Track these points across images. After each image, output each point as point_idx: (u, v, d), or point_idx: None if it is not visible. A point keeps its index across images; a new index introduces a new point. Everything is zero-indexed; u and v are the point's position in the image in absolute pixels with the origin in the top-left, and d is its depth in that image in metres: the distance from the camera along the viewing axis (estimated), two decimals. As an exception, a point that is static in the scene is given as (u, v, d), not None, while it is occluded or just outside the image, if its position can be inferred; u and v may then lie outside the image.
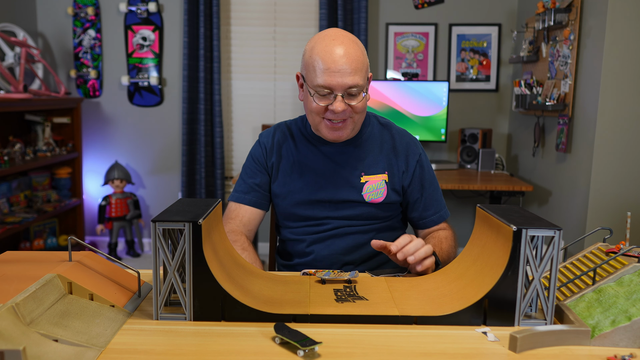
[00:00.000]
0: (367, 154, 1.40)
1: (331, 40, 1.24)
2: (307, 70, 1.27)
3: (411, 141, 1.44)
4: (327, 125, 1.30)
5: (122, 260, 3.69)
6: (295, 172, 1.41)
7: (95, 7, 3.64)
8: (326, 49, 1.23)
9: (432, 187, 1.44)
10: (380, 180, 1.38)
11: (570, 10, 2.72)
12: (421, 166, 1.42)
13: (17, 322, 0.73)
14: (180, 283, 0.92)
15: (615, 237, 2.38)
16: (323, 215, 1.40)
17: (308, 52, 1.27)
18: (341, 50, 1.22)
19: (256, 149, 1.46)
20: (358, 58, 1.24)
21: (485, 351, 0.83)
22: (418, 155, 1.42)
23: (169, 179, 3.85)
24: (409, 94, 3.38)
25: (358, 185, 1.37)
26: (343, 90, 1.23)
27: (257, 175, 1.44)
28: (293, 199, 1.40)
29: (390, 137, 1.43)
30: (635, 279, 0.93)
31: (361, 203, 1.38)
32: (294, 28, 3.68)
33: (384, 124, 1.45)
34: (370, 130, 1.42)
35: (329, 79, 1.22)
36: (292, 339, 0.81)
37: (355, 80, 1.23)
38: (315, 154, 1.40)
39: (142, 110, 3.78)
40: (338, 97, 1.23)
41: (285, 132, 1.45)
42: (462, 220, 3.82)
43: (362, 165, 1.38)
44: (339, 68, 1.21)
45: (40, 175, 3.46)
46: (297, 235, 1.44)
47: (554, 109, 2.78)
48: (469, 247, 1.07)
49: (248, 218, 1.42)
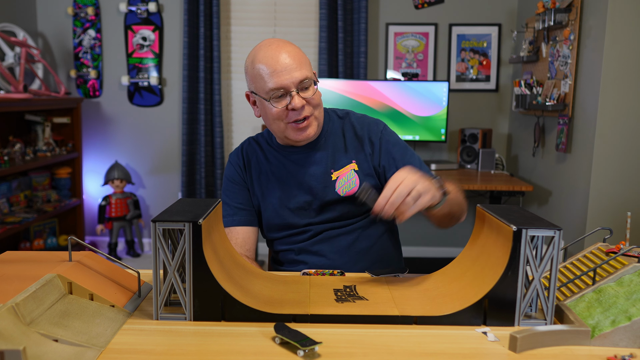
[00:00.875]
0: (333, 150, 1.40)
1: (268, 47, 1.28)
2: (255, 82, 1.29)
3: (371, 122, 1.43)
4: (293, 128, 1.31)
5: (122, 260, 3.69)
6: (270, 182, 1.42)
7: (95, 7, 3.64)
8: (267, 54, 1.26)
9: (406, 156, 1.40)
10: (350, 170, 1.38)
11: (570, 10, 2.72)
12: (386, 141, 1.40)
13: (17, 322, 0.73)
14: (180, 283, 0.92)
15: (615, 237, 2.38)
16: (304, 223, 1.40)
17: (250, 66, 1.30)
18: (281, 51, 1.26)
19: (229, 169, 1.47)
20: (298, 53, 1.28)
21: (485, 351, 0.83)
22: (380, 133, 1.41)
23: (169, 179, 3.85)
24: (409, 94, 3.38)
25: (330, 184, 1.38)
26: (295, 85, 1.26)
27: (238, 194, 1.44)
28: (273, 209, 1.41)
29: (350, 126, 1.43)
30: (635, 279, 0.93)
31: (338, 202, 1.38)
32: (294, 28, 3.68)
33: (342, 116, 1.46)
34: (331, 127, 1.43)
35: (279, 79, 1.25)
36: (292, 339, 0.81)
37: (303, 73, 1.27)
38: (285, 163, 1.41)
39: (142, 110, 3.78)
40: (293, 93, 1.26)
41: (253, 145, 1.47)
42: (462, 220, 3.82)
43: (330, 163, 1.39)
44: (285, 66, 1.25)
45: (40, 175, 3.46)
46: (284, 245, 1.44)
47: (554, 109, 2.78)
48: (469, 247, 1.07)
49: (242, 238, 1.42)
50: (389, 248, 1.49)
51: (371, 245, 1.43)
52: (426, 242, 3.84)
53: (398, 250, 1.54)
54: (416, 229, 3.81)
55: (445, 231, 3.83)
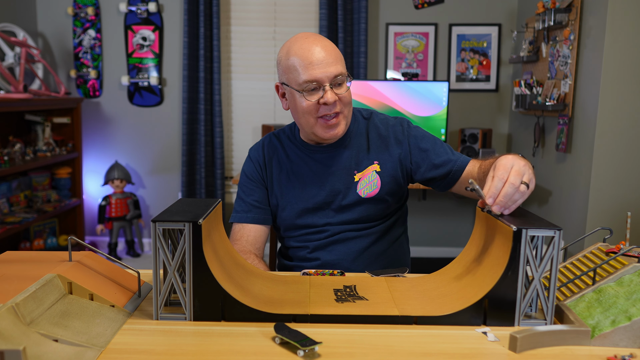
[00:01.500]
0: (357, 151, 1.39)
1: (305, 40, 1.27)
2: (288, 74, 1.28)
3: (395, 122, 1.42)
4: (322, 125, 1.29)
5: (122, 260, 3.69)
6: (290, 181, 1.40)
7: (95, 7, 3.64)
8: (303, 47, 1.25)
9: (436, 146, 1.38)
10: (371, 171, 1.37)
11: (570, 10, 2.72)
12: (414, 137, 1.39)
13: (17, 322, 0.73)
14: (180, 283, 0.92)
15: (615, 237, 2.38)
16: (322, 222, 1.38)
17: (284, 57, 1.28)
18: (317, 45, 1.25)
19: (248, 165, 1.45)
20: (334, 49, 1.28)
21: (485, 351, 0.83)
22: (405, 131, 1.40)
23: (169, 179, 3.85)
24: (409, 94, 3.38)
25: (352, 185, 1.37)
26: (329, 80, 1.25)
27: (255, 191, 1.43)
28: (292, 208, 1.39)
29: (374, 127, 1.42)
30: (635, 279, 0.93)
31: (358, 203, 1.37)
32: (294, 28, 3.68)
33: (366, 117, 1.45)
34: (357, 127, 1.42)
35: (314, 72, 1.24)
36: (292, 339, 0.81)
37: (338, 69, 1.26)
38: (307, 162, 1.39)
39: (142, 110, 3.78)
40: (327, 87, 1.25)
41: (274, 142, 1.45)
42: (462, 220, 3.82)
43: (354, 164, 1.38)
44: (321, 60, 1.24)
45: (40, 175, 3.46)
46: (299, 243, 1.42)
47: (554, 109, 2.78)
48: (469, 247, 1.07)
49: (254, 236, 1.40)
50: (403, 253, 1.49)
51: (386, 249, 1.42)
52: (426, 242, 3.84)
53: (409, 253, 1.54)
54: (416, 229, 3.82)
55: (445, 231, 3.83)
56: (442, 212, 3.82)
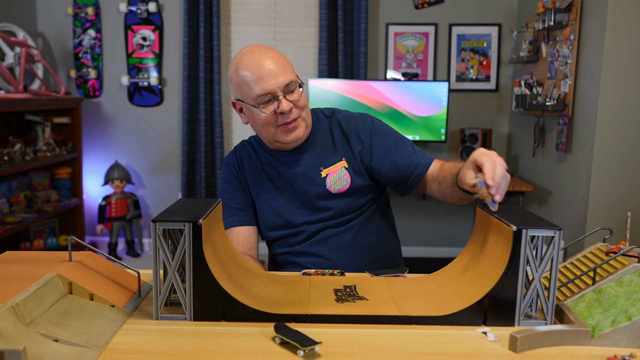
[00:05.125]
0: (322, 149, 1.41)
1: (251, 54, 1.28)
2: (241, 89, 1.30)
3: (358, 119, 1.43)
4: (282, 130, 1.31)
5: (122, 260, 3.69)
6: (263, 182, 1.43)
7: (95, 7, 3.64)
8: (250, 61, 1.27)
9: (397, 145, 1.39)
10: (340, 167, 1.39)
11: (570, 10, 2.72)
12: (376, 134, 1.39)
13: (17, 322, 0.73)
14: (180, 283, 0.92)
15: (615, 237, 2.38)
16: (299, 222, 1.40)
17: (234, 74, 1.30)
18: (265, 57, 1.27)
19: (225, 171, 1.48)
20: (281, 58, 1.30)
21: (485, 351, 0.83)
22: (368, 129, 1.40)
23: (169, 179, 3.85)
24: (409, 94, 3.38)
25: (320, 181, 1.38)
26: (282, 90, 1.26)
27: (235, 195, 1.45)
28: (267, 208, 1.43)
29: (337, 124, 1.43)
30: (635, 279, 0.93)
31: (331, 199, 1.38)
32: (294, 28, 3.68)
33: (329, 115, 1.46)
34: (320, 126, 1.44)
35: (265, 85, 1.25)
36: (292, 339, 0.81)
37: (288, 77, 1.28)
38: (276, 166, 1.42)
39: (142, 110, 3.78)
40: (280, 97, 1.26)
41: (246, 146, 1.48)
42: (462, 220, 3.82)
43: (319, 161, 1.39)
44: (270, 72, 1.26)
45: (40, 175, 3.46)
46: (282, 248, 1.45)
47: (554, 109, 2.78)
48: (469, 247, 1.07)
49: (244, 237, 1.43)
50: (391, 243, 1.49)
51: (371, 241, 1.43)
52: (426, 242, 3.84)
53: (398, 244, 1.54)
54: (416, 229, 3.82)
55: (445, 231, 3.83)
56: (442, 212, 3.82)
